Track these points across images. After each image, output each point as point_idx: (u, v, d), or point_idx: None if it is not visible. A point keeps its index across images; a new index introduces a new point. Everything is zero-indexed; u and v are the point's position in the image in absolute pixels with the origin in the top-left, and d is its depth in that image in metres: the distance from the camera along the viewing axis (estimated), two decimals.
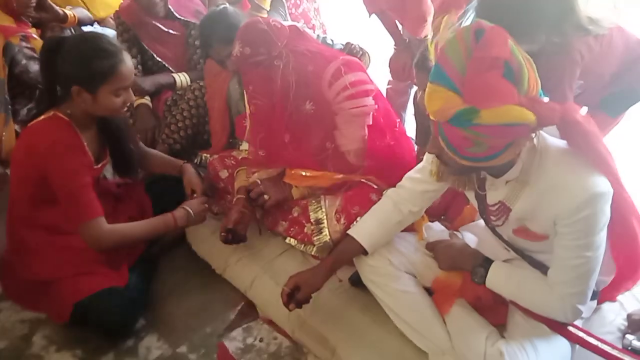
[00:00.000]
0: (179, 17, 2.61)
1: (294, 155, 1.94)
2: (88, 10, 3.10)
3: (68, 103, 1.71)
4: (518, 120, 1.12)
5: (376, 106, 1.85)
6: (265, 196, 1.94)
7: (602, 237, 1.27)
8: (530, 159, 1.27)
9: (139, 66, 2.64)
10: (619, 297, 1.63)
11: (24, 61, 2.63)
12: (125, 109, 1.82)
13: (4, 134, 2.65)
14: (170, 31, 2.63)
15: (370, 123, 1.85)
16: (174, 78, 2.59)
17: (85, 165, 1.76)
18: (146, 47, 2.64)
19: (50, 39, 1.76)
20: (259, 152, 1.99)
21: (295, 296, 1.60)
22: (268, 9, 2.78)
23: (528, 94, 1.13)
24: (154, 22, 2.59)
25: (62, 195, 1.73)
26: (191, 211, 1.89)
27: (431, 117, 1.21)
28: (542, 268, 1.43)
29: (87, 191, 1.73)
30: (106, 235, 1.76)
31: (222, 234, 1.93)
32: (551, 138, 1.29)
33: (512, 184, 1.32)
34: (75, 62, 1.66)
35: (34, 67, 2.64)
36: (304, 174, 1.96)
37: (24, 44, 2.64)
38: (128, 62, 1.72)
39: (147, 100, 2.58)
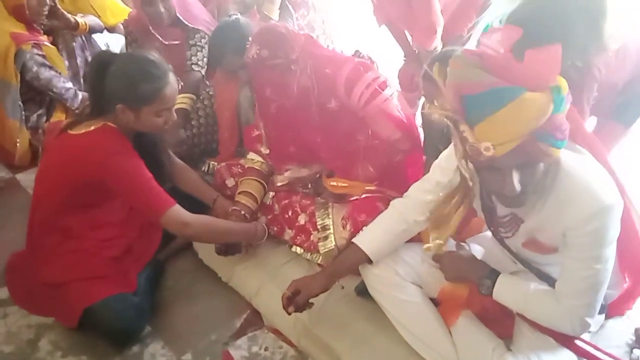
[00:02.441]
0: (190, 25, 2.64)
1: (328, 151, 1.97)
2: (99, 18, 3.13)
3: (112, 116, 1.75)
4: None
5: (395, 91, 1.88)
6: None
7: (612, 249, 1.27)
8: (545, 170, 1.25)
9: None
10: (627, 311, 1.62)
11: (35, 68, 2.66)
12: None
13: (18, 140, 2.68)
14: (172, 42, 2.66)
15: (400, 107, 1.87)
16: (186, 110, 2.55)
17: (143, 163, 1.79)
18: None
19: (101, 54, 1.83)
20: (290, 148, 2.02)
21: (295, 300, 1.61)
22: (276, 20, 2.81)
23: None
24: (154, 33, 2.62)
25: (133, 198, 1.77)
26: (267, 229, 2.00)
27: (524, 133, 1.12)
28: (550, 280, 1.42)
29: (154, 184, 1.77)
30: (193, 222, 1.79)
31: (217, 245, 1.95)
32: (564, 150, 1.28)
33: None
34: (122, 82, 1.71)
35: (45, 73, 2.68)
36: (338, 184, 2.00)
37: (35, 50, 2.68)
38: (173, 84, 1.76)
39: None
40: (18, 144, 2.70)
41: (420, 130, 2.07)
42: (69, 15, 2.89)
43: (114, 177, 1.73)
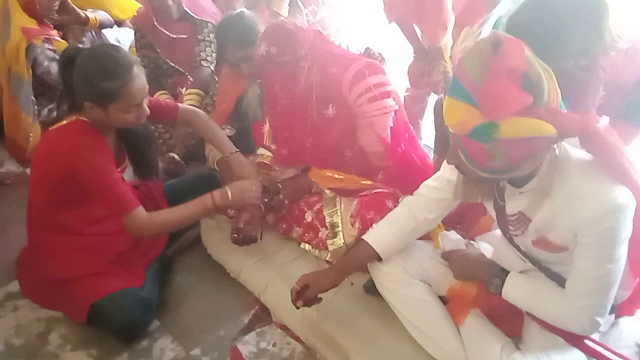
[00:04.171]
0: (196, 17, 2.65)
1: (314, 157, 1.95)
2: (109, 13, 3.14)
3: (85, 112, 1.73)
4: (538, 134, 1.11)
5: (396, 107, 1.87)
6: (280, 196, 1.98)
7: (624, 249, 1.25)
8: (552, 170, 1.26)
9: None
10: (637, 311, 1.61)
11: (46, 62, 2.68)
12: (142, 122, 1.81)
13: (30, 134, 2.71)
14: (179, 36, 2.68)
15: (392, 125, 1.86)
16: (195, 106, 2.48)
17: (112, 162, 1.77)
18: (160, 53, 2.73)
19: (67, 50, 1.77)
20: (282, 151, 2.01)
21: (304, 294, 1.62)
22: (285, 16, 2.80)
23: (548, 106, 1.13)
24: (161, 29, 2.64)
25: (97, 194, 1.74)
26: (229, 191, 1.85)
27: (450, 130, 1.21)
28: (559, 280, 1.42)
29: (120, 185, 1.75)
30: (147, 224, 1.76)
31: (233, 235, 1.94)
32: (573, 148, 1.28)
33: (533, 194, 1.31)
34: (84, 81, 1.66)
35: (56, 68, 2.68)
36: (334, 175, 1.98)
37: (46, 45, 2.69)
38: (139, 80, 1.69)
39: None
40: (31, 138, 2.72)
41: (431, 127, 2.07)
42: (80, 10, 2.91)
43: (79, 171, 1.70)
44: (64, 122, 1.75)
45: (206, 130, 2.08)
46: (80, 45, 2.66)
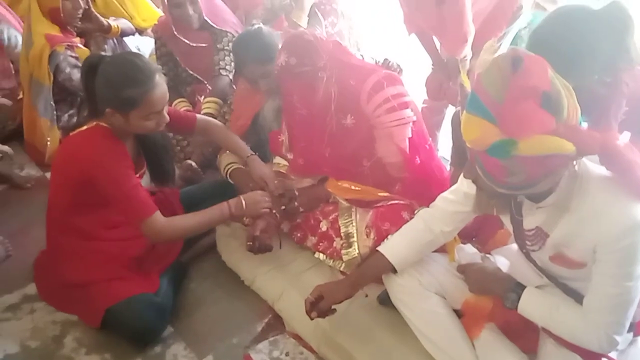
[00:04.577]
0: (215, 27, 2.68)
1: (332, 167, 1.96)
2: (131, 21, 3.19)
3: (105, 118, 1.75)
4: (557, 151, 1.11)
5: (415, 118, 1.87)
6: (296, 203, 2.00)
7: None
8: (571, 186, 1.25)
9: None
10: None
11: (68, 69, 2.72)
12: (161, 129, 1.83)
13: (48, 138, 2.75)
14: (199, 45, 2.70)
15: (410, 135, 1.86)
16: (212, 114, 2.53)
17: (131, 168, 1.79)
18: (179, 61, 2.76)
19: (90, 57, 1.80)
20: (299, 160, 2.02)
21: (318, 305, 1.61)
22: (305, 27, 2.82)
23: (567, 123, 1.12)
24: (181, 38, 2.67)
25: (115, 200, 1.76)
26: (243, 201, 1.88)
27: (467, 145, 1.21)
28: (576, 296, 1.40)
29: (138, 191, 1.76)
30: (165, 229, 1.78)
31: (249, 242, 1.95)
32: (592, 164, 1.27)
33: (551, 210, 1.30)
34: (106, 87, 1.69)
35: (77, 75, 2.72)
36: (350, 187, 1.98)
37: (68, 52, 2.73)
38: (160, 88, 1.71)
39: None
40: (48, 143, 2.76)
41: (448, 139, 2.06)
42: (102, 19, 2.95)
43: (97, 177, 1.72)
44: (84, 127, 1.78)
45: (223, 138, 2.16)
46: (103, 53, 2.71)
